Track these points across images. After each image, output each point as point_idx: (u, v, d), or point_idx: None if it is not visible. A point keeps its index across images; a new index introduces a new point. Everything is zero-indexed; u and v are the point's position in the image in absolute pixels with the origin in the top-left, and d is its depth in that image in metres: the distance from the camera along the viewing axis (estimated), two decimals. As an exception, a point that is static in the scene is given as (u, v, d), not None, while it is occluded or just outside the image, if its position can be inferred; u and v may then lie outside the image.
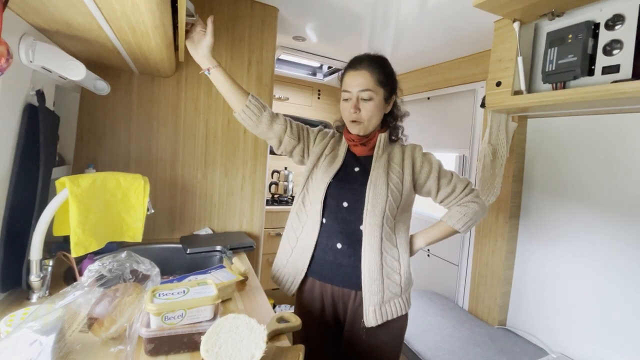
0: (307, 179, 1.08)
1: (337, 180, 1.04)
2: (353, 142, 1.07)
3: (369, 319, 0.97)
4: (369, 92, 0.99)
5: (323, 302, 1.05)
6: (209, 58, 0.98)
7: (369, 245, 0.98)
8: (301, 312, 1.08)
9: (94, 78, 1.07)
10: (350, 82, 1.01)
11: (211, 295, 0.70)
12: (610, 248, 1.36)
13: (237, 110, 1.02)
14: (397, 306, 1.00)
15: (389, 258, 1.00)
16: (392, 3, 1.41)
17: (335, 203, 1.03)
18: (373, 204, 0.98)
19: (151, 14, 0.67)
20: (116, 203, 0.96)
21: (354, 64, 1.02)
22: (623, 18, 1.02)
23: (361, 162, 1.07)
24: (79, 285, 0.66)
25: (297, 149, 1.10)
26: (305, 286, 1.07)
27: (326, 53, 2.19)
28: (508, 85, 1.31)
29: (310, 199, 1.06)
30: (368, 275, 0.97)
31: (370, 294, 0.97)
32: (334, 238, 1.01)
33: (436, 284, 2.21)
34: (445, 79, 2.14)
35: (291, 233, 1.09)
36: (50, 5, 0.67)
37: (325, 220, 1.03)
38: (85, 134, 1.28)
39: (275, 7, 1.55)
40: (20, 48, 0.78)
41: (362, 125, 1.02)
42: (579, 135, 1.49)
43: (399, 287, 1.00)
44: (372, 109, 1.01)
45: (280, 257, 1.12)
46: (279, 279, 1.11)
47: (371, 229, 0.98)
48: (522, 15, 1.22)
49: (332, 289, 1.03)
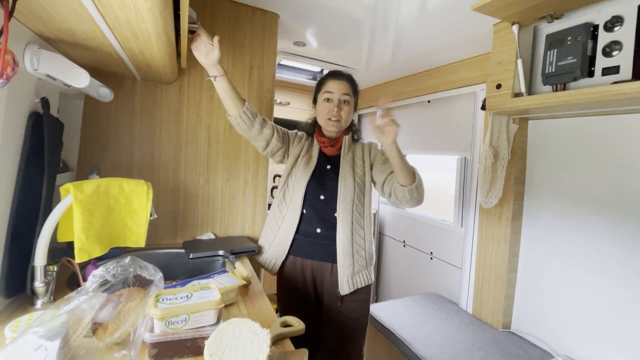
0: (288, 176, 1.30)
1: (314, 177, 1.26)
2: (324, 144, 1.30)
3: (343, 287, 1.21)
4: (347, 97, 1.25)
5: (304, 276, 1.27)
6: (217, 67, 1.07)
7: (342, 228, 1.21)
8: (284, 286, 1.30)
9: (97, 85, 1.08)
10: (334, 87, 1.25)
11: (214, 299, 0.70)
12: (615, 250, 1.36)
13: (233, 115, 1.15)
14: (364, 277, 1.25)
15: (357, 237, 1.24)
16: (392, 7, 1.42)
17: (313, 197, 1.25)
18: (344, 195, 1.23)
19: (154, 22, 0.68)
20: (119, 208, 0.97)
21: (336, 74, 1.28)
22: (622, 19, 1.02)
23: (331, 160, 1.30)
24: (84, 291, 0.67)
25: (280, 151, 1.28)
26: (286, 264, 1.28)
27: (327, 58, 2.20)
28: (508, 88, 1.31)
29: (291, 194, 1.27)
30: (342, 252, 1.21)
31: (344, 267, 1.21)
32: (314, 224, 1.24)
33: (439, 287, 2.20)
34: (445, 82, 2.15)
35: (273, 222, 1.31)
36: (55, 13, 0.69)
37: (305, 210, 1.26)
38: (89, 141, 1.29)
39: (276, 13, 1.57)
40: (25, 56, 0.80)
41: (340, 123, 1.25)
42: (580, 136, 1.48)
43: (364, 261, 1.25)
44: (349, 111, 1.27)
45: (264, 244, 1.34)
46: (262, 261, 1.32)
47: (344, 215, 1.22)
48: (520, 18, 1.23)
49: (311, 263, 1.25)
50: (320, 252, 1.24)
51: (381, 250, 2.83)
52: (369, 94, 2.94)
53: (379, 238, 2.86)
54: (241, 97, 1.15)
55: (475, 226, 1.92)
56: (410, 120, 2.56)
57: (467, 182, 2.05)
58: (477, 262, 1.88)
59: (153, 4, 0.59)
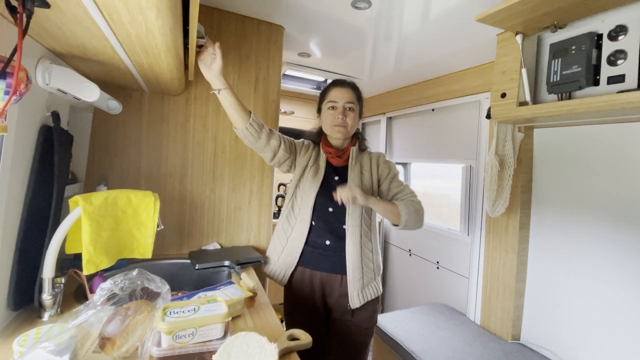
0: (296, 187, 1.28)
1: (323, 189, 1.24)
2: (331, 155, 1.29)
3: (353, 301, 1.20)
4: (352, 104, 1.25)
5: (313, 287, 1.25)
6: (220, 79, 1.07)
7: (351, 241, 1.21)
8: (291, 296, 1.28)
9: (106, 98, 1.10)
10: (337, 95, 1.25)
11: (222, 313, 0.70)
12: (625, 259, 1.33)
13: (239, 127, 1.15)
14: (373, 289, 1.25)
15: (366, 250, 1.24)
16: (394, 17, 1.44)
17: (322, 208, 1.24)
18: (353, 209, 1.22)
19: (164, 38, 0.69)
20: (127, 220, 0.97)
21: (340, 83, 1.28)
22: (626, 29, 1.03)
23: (339, 172, 1.29)
24: (92, 304, 0.67)
25: (288, 161, 1.27)
26: (295, 275, 1.26)
27: (331, 68, 2.23)
28: (513, 97, 1.31)
29: (299, 205, 1.26)
30: (352, 266, 1.20)
31: (354, 281, 1.20)
32: (323, 236, 1.23)
33: (446, 297, 2.17)
34: (450, 91, 2.15)
35: (281, 234, 1.29)
36: (67, 30, 0.70)
37: (314, 222, 1.24)
38: (97, 152, 1.31)
39: (281, 26, 1.59)
40: (37, 71, 0.81)
41: (345, 129, 1.24)
42: (586, 144, 1.48)
43: (372, 272, 1.25)
44: (354, 118, 1.26)
45: (272, 255, 1.31)
46: (271, 272, 1.30)
47: (352, 229, 1.21)
48: (524, 28, 1.24)
49: (320, 274, 1.23)
50: (329, 264, 1.23)
51: (387, 259, 2.81)
52: (373, 103, 2.96)
53: (384, 247, 2.84)
54: (247, 110, 1.15)
55: (482, 235, 1.90)
56: (415, 129, 2.57)
57: (472, 190, 2.04)
58: (484, 271, 1.85)
59: (164, 22, 0.61)
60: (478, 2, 1.24)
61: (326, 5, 1.37)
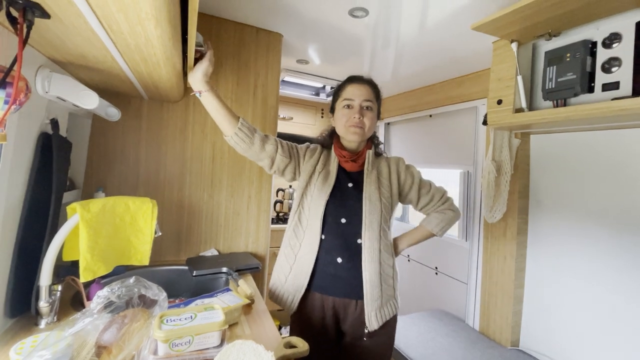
0: (302, 196, 1.13)
1: (334, 197, 1.09)
2: (344, 159, 1.14)
3: (371, 323, 1.06)
4: (370, 103, 1.11)
5: (324, 313, 1.10)
6: (202, 82, 0.97)
7: (369, 258, 1.06)
8: (300, 324, 1.13)
9: (105, 105, 1.10)
10: (354, 92, 1.11)
11: (218, 320, 0.70)
12: (623, 264, 1.33)
13: (228, 134, 1.03)
14: (392, 307, 1.11)
15: (386, 267, 1.10)
16: (392, 25, 1.45)
17: (333, 220, 1.09)
18: (370, 220, 1.07)
19: (163, 47, 0.70)
20: (125, 227, 0.98)
21: (356, 79, 1.15)
22: (620, 36, 1.04)
23: (353, 178, 1.14)
24: (88, 312, 0.67)
25: (289, 168, 1.12)
26: (304, 300, 1.11)
27: (329, 74, 2.25)
28: (509, 103, 1.32)
29: (307, 216, 1.11)
30: (370, 285, 1.06)
31: (372, 301, 1.06)
32: (333, 253, 1.08)
33: (445, 303, 2.17)
34: (447, 97, 2.17)
35: (289, 251, 1.13)
36: (67, 40, 0.71)
37: (324, 236, 1.09)
38: (96, 159, 1.31)
39: (279, 34, 1.61)
40: (37, 80, 0.82)
41: (362, 131, 1.10)
42: (582, 150, 1.49)
43: (392, 289, 1.12)
44: (373, 118, 1.12)
45: (279, 276, 1.16)
46: (279, 297, 1.14)
47: (370, 243, 1.06)
48: (519, 36, 1.26)
49: (333, 300, 1.09)
50: (342, 288, 1.08)
51: (385, 264, 2.80)
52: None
53: (383, 252, 2.83)
54: (235, 115, 1.03)
55: (480, 240, 1.90)
56: (413, 134, 2.58)
57: (470, 195, 2.04)
58: (483, 277, 1.85)
59: (163, 32, 0.62)
60: (474, 10, 1.26)
61: (324, 13, 1.38)
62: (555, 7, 1.03)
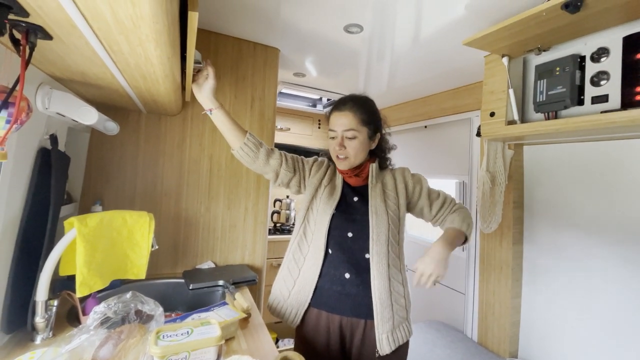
0: (308, 209, 1.12)
1: (340, 211, 1.08)
2: (347, 175, 1.13)
3: (383, 347, 1.01)
4: (352, 132, 1.06)
5: (329, 333, 1.05)
6: (212, 99, 1.03)
7: (378, 273, 1.03)
8: (304, 344, 1.08)
9: (104, 119, 1.12)
10: (336, 122, 1.08)
11: (215, 336, 0.70)
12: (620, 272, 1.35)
13: (235, 148, 1.08)
14: (405, 330, 1.07)
15: (395, 284, 1.06)
16: (386, 40, 1.49)
17: (339, 234, 1.07)
18: (378, 233, 1.04)
19: (162, 66, 0.72)
20: (122, 241, 0.98)
21: (339, 106, 1.10)
22: (607, 51, 1.07)
23: (358, 192, 1.13)
24: (85, 329, 0.66)
25: (294, 181, 1.14)
26: (308, 317, 1.08)
27: (325, 87, 2.28)
28: (502, 116, 1.35)
29: (312, 230, 1.09)
30: (380, 304, 1.01)
31: (383, 322, 1.01)
32: (341, 268, 1.04)
33: (443, 314, 2.16)
34: (441, 109, 2.21)
35: (292, 265, 1.11)
36: (68, 59, 0.73)
37: (330, 250, 1.06)
38: (94, 172, 1.32)
39: (276, 48, 1.64)
40: (37, 97, 0.84)
41: (348, 160, 1.09)
42: (574, 161, 1.51)
43: (404, 310, 1.08)
44: (357, 147, 1.07)
45: (281, 289, 1.13)
46: (280, 311, 1.12)
47: (378, 258, 1.03)
48: (510, 51, 1.29)
49: (340, 319, 1.04)
50: (350, 306, 1.03)
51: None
52: (367, 119, 3.00)
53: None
54: (242, 129, 1.07)
55: (477, 251, 1.91)
56: (408, 145, 2.61)
57: (466, 205, 2.06)
58: (480, 287, 1.85)
59: (162, 52, 0.63)
60: (465, 25, 1.29)
61: (320, 29, 1.42)
62: (543, 24, 1.06)
